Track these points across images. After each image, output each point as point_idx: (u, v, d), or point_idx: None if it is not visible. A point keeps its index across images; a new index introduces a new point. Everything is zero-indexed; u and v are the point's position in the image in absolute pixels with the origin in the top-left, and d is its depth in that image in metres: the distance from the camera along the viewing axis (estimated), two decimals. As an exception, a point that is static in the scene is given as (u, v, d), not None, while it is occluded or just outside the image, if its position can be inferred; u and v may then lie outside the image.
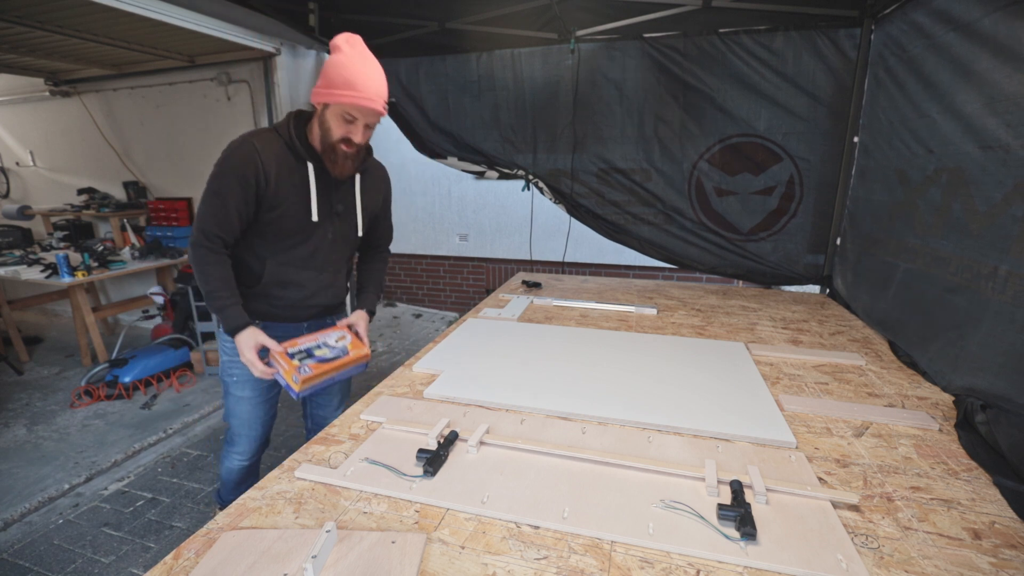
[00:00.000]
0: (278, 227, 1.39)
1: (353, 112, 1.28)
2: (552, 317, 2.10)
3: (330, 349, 1.40)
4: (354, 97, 1.25)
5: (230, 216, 1.33)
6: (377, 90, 1.28)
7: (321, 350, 1.38)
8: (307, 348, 1.37)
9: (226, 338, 1.51)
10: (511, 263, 5.26)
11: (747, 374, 1.51)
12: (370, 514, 0.89)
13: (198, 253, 1.34)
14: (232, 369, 1.54)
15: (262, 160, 1.31)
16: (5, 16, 2.95)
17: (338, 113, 1.29)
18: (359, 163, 1.41)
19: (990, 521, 0.90)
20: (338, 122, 1.30)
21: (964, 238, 1.52)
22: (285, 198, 1.36)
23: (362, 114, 1.29)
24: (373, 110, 1.29)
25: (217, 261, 1.35)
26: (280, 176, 1.35)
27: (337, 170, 1.37)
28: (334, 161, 1.35)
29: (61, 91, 4.74)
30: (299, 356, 1.33)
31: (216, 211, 1.32)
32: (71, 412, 3.19)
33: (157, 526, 2.21)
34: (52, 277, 3.50)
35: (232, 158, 1.31)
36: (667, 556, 0.80)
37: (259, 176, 1.31)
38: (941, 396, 1.42)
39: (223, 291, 1.35)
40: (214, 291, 1.35)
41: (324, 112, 1.32)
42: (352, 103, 1.26)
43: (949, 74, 1.65)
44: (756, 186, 2.64)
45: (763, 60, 2.45)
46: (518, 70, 2.87)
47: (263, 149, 1.32)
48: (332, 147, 1.33)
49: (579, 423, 1.22)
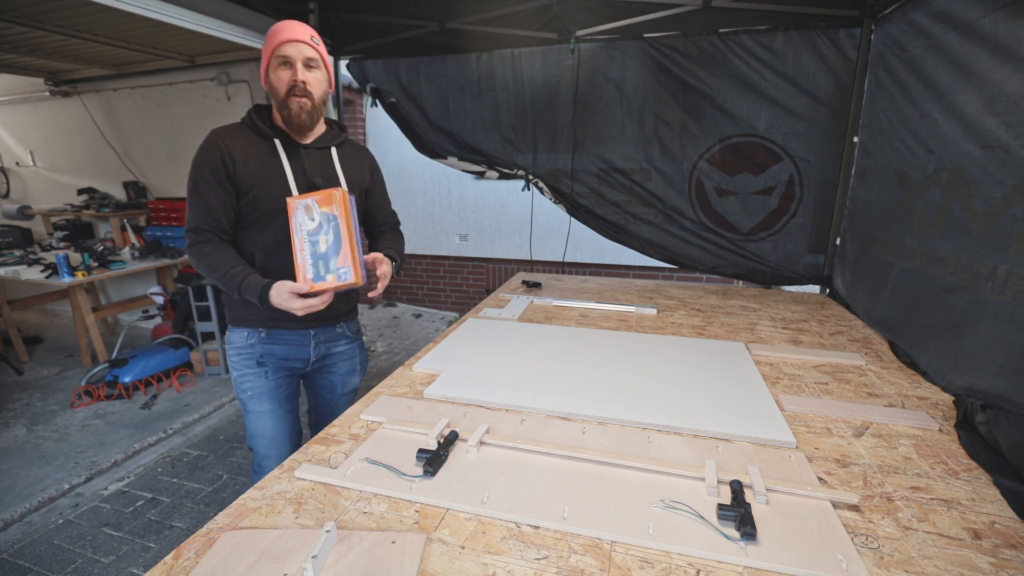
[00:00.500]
0: (256, 209, 1.38)
1: (282, 53, 1.31)
2: (552, 317, 2.10)
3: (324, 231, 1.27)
4: (278, 39, 1.31)
5: (212, 208, 1.34)
6: (297, 29, 1.33)
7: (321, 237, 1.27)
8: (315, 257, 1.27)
9: (233, 349, 1.49)
10: (511, 263, 5.26)
11: (747, 374, 1.51)
12: (370, 514, 0.89)
13: (195, 251, 1.34)
14: (244, 383, 1.50)
15: (224, 143, 1.34)
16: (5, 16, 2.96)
17: (275, 67, 1.33)
18: (315, 116, 1.39)
19: (990, 521, 0.90)
20: (278, 75, 1.33)
21: (964, 238, 1.52)
22: (256, 175, 1.36)
23: (292, 51, 1.31)
24: (298, 41, 1.31)
25: (216, 246, 1.35)
26: (248, 155, 1.36)
27: (294, 124, 1.36)
28: (289, 116, 1.35)
29: (61, 91, 4.75)
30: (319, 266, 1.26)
31: (198, 207, 1.34)
32: (71, 412, 3.19)
33: (157, 526, 2.21)
34: (52, 277, 3.51)
35: (199, 154, 1.35)
36: (667, 556, 0.80)
37: (225, 158, 1.33)
38: (941, 396, 1.42)
39: (236, 267, 1.32)
40: (227, 271, 1.31)
41: (270, 82, 1.36)
42: (277, 44, 1.31)
43: (949, 74, 1.65)
44: (756, 186, 2.64)
45: (763, 60, 2.45)
46: (518, 70, 2.87)
47: (224, 133, 1.36)
48: (284, 103, 1.34)
49: (579, 423, 1.22)
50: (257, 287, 1.28)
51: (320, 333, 1.56)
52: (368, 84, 3.15)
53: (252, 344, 1.48)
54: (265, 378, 1.50)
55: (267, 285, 1.28)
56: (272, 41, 1.32)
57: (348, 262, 1.26)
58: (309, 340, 1.54)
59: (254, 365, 1.49)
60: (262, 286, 1.28)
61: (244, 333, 1.49)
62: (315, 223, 1.27)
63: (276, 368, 1.51)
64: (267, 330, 1.49)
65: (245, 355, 1.48)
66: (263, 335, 1.49)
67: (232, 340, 1.51)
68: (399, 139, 3.38)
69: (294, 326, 1.49)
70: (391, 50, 3.06)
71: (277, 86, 1.34)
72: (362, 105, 5.15)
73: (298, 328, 1.50)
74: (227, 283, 1.31)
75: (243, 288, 1.29)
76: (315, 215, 1.26)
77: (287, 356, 1.52)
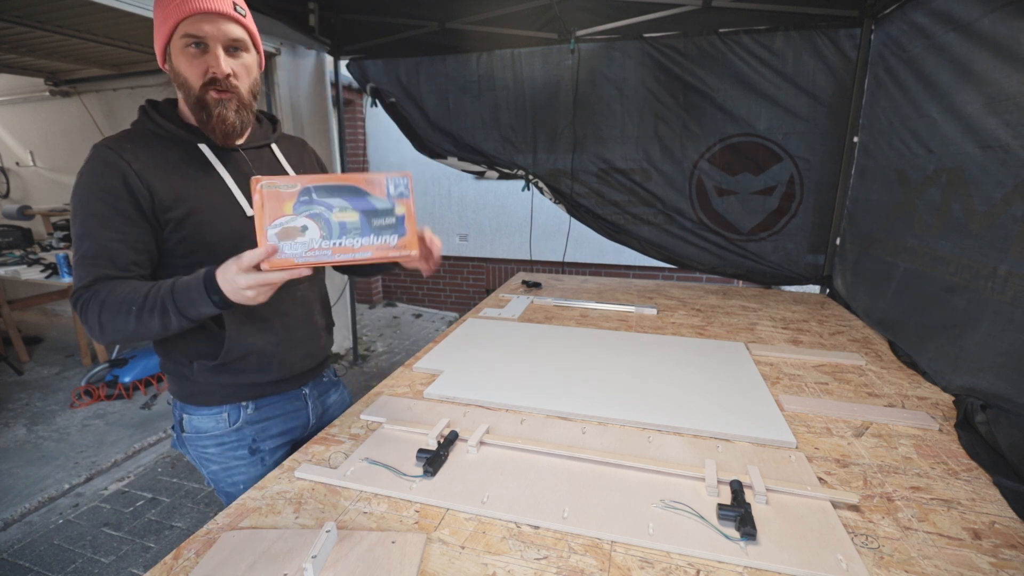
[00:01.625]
0: (202, 240, 0.98)
1: (194, 31, 0.91)
2: (552, 317, 2.10)
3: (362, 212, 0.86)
4: (178, 4, 0.89)
5: (112, 251, 0.91)
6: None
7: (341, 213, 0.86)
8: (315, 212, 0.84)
9: (207, 439, 1.09)
10: (511, 263, 5.26)
11: (747, 374, 1.51)
12: (370, 514, 0.89)
13: (87, 306, 0.89)
14: (235, 477, 1.13)
15: (125, 159, 0.92)
16: (5, 16, 2.96)
17: (181, 49, 0.93)
18: (246, 115, 1.01)
19: (990, 521, 0.90)
20: (188, 62, 0.93)
21: (964, 238, 1.52)
22: (189, 197, 0.97)
23: (208, 26, 0.91)
24: (214, 11, 0.90)
25: (115, 283, 0.90)
26: (165, 171, 0.96)
27: (219, 129, 0.98)
28: (208, 119, 0.96)
29: (61, 91, 4.75)
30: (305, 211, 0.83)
31: (88, 254, 0.91)
32: (71, 412, 3.19)
33: (157, 526, 2.21)
34: (52, 277, 3.51)
35: (83, 180, 0.92)
36: (667, 556, 0.80)
37: (130, 181, 0.92)
38: (941, 396, 1.42)
39: (154, 285, 0.88)
40: (146, 293, 0.87)
41: (173, 67, 0.96)
42: (180, 14, 0.89)
43: (949, 74, 1.65)
44: (756, 186, 2.64)
45: (763, 60, 2.46)
46: (518, 70, 2.87)
47: (120, 147, 0.94)
48: (199, 101, 0.95)
49: (579, 423, 1.22)
50: (197, 279, 0.85)
51: (313, 387, 1.24)
52: (368, 84, 3.16)
53: (238, 427, 1.10)
54: (262, 465, 1.13)
55: (210, 270, 0.84)
56: (168, 8, 0.90)
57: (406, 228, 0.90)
58: (305, 400, 1.21)
59: (246, 455, 1.12)
60: (203, 273, 0.84)
61: (220, 414, 1.08)
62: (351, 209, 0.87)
63: (274, 450, 1.15)
64: (255, 400, 1.11)
65: (230, 444, 1.09)
66: (250, 410, 1.11)
67: (200, 427, 1.08)
68: (399, 139, 3.38)
69: (285, 386, 1.15)
70: (391, 50, 3.06)
71: (187, 74, 0.94)
72: (362, 105, 5.15)
73: (290, 389, 1.17)
74: (151, 306, 0.86)
75: (177, 295, 0.85)
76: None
77: (284, 429, 1.17)
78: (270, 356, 1.09)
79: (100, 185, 0.92)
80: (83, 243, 0.91)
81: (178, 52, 0.94)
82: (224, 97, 0.96)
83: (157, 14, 0.93)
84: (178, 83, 0.97)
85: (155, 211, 0.95)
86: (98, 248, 0.91)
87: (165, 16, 0.92)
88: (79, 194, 0.93)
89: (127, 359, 3.51)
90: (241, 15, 0.96)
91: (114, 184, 0.91)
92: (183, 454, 1.13)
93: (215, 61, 0.93)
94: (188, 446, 1.13)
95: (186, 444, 1.13)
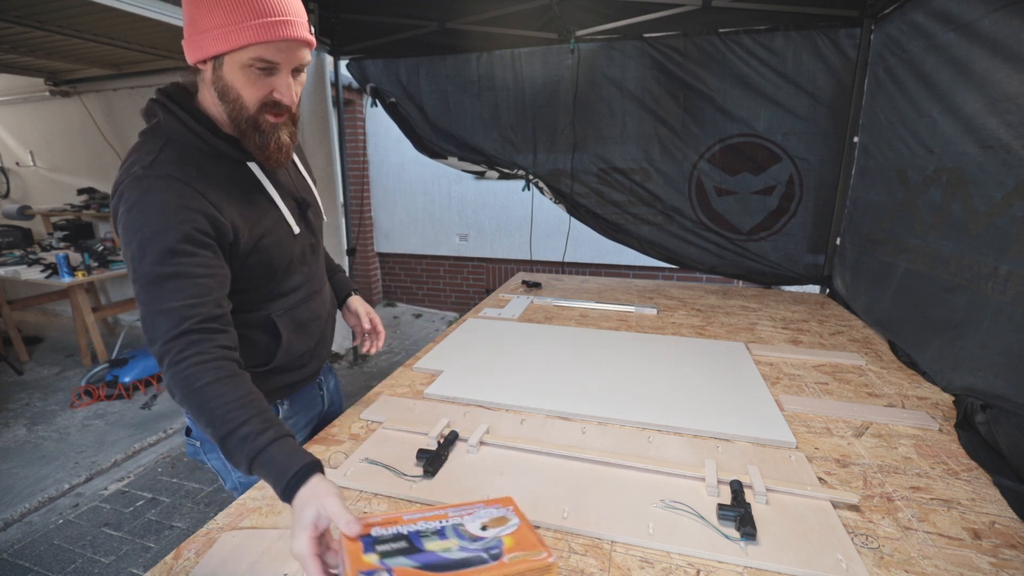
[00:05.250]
0: (268, 266, 0.96)
1: (270, 56, 0.81)
2: (552, 317, 2.10)
3: (463, 544, 0.63)
4: (262, 25, 0.78)
5: (202, 281, 0.82)
6: (292, 16, 0.81)
7: (441, 542, 0.64)
8: (412, 532, 0.65)
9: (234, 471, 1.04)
10: (511, 263, 5.26)
11: (747, 374, 1.51)
12: (370, 514, 0.89)
13: (181, 365, 0.76)
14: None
15: (200, 189, 0.84)
16: (5, 16, 2.96)
17: (243, 66, 0.81)
18: (295, 129, 0.94)
19: (990, 521, 0.90)
20: (249, 81, 0.83)
21: (964, 238, 1.52)
22: (257, 221, 0.92)
23: (285, 53, 0.82)
24: (298, 38, 0.82)
25: (217, 367, 0.78)
26: (231, 198, 0.89)
27: (273, 156, 0.91)
28: (264, 145, 0.88)
29: (61, 91, 4.75)
30: (388, 550, 0.62)
31: (178, 299, 0.79)
32: (71, 412, 3.19)
33: (157, 526, 2.21)
34: (52, 277, 3.51)
35: (156, 215, 0.80)
36: (667, 556, 0.80)
37: (211, 215, 0.84)
38: (941, 396, 1.42)
39: (248, 412, 0.75)
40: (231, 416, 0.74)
41: (218, 75, 0.83)
42: (261, 37, 0.78)
43: (949, 74, 1.65)
44: (756, 186, 2.64)
45: (763, 60, 2.46)
46: (518, 70, 2.87)
47: (190, 177, 0.84)
48: (253, 122, 0.86)
49: (579, 423, 1.22)
50: (295, 459, 0.71)
51: (324, 374, 1.29)
52: (368, 84, 3.16)
53: None
54: None
55: (314, 466, 0.72)
56: (243, 23, 0.77)
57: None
58: (321, 388, 1.27)
59: None
60: (306, 462, 0.71)
61: None
62: (463, 538, 0.65)
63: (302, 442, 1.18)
64: (289, 398, 1.13)
65: None
66: (285, 407, 1.13)
67: None
68: (399, 139, 3.38)
69: (313, 377, 1.19)
70: (391, 50, 3.06)
71: (245, 95, 0.84)
72: (362, 105, 5.15)
73: (312, 381, 1.21)
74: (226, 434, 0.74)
75: (264, 459, 0.72)
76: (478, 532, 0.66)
77: (308, 420, 1.22)
78: (306, 356, 1.11)
79: (178, 218, 0.81)
80: (169, 282, 0.79)
81: (237, 67, 0.82)
82: (279, 120, 0.89)
83: (219, 15, 0.78)
84: (223, 95, 0.85)
85: (232, 242, 0.88)
86: (182, 290, 0.80)
87: (235, 28, 0.78)
88: (151, 228, 0.79)
89: (127, 359, 3.51)
90: (312, 34, 0.87)
91: (194, 216, 0.82)
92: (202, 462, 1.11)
93: (285, 88, 0.85)
94: (198, 450, 1.10)
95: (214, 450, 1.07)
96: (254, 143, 0.89)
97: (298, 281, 1.05)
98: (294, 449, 0.73)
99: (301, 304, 1.07)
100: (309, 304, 1.09)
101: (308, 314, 1.08)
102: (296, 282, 1.05)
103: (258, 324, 0.99)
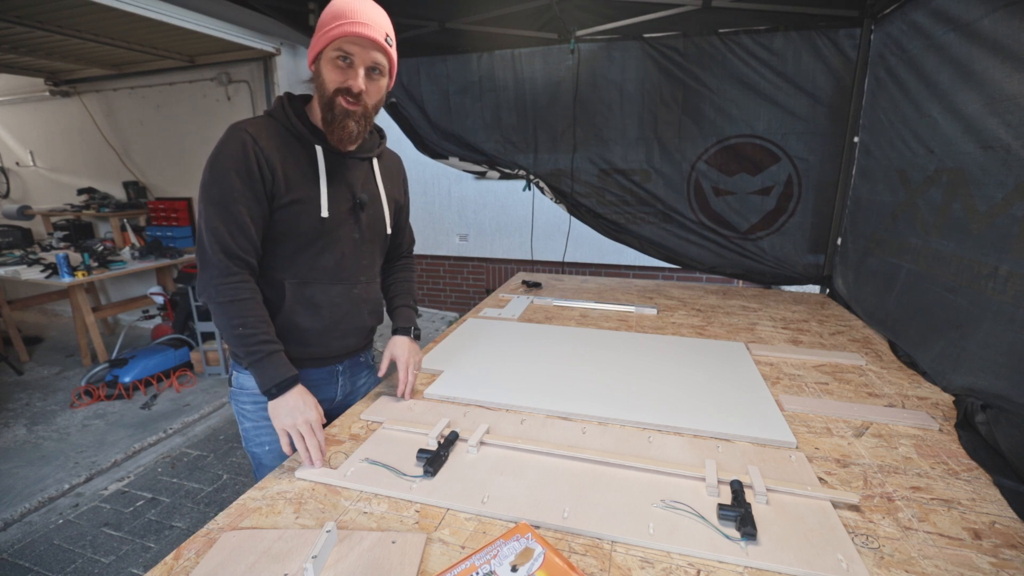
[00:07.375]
0: (293, 228, 1.14)
1: (346, 47, 1.05)
2: (552, 317, 2.10)
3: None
4: (343, 24, 1.03)
5: (245, 225, 1.07)
6: (372, 15, 1.06)
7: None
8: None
9: (246, 395, 1.22)
10: (511, 263, 5.26)
11: (747, 374, 1.51)
12: (370, 514, 0.89)
13: (227, 288, 1.07)
14: (261, 437, 1.22)
15: (260, 146, 1.08)
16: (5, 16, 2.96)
17: (330, 59, 1.07)
18: (364, 127, 1.14)
19: (990, 521, 0.90)
20: (331, 69, 1.07)
21: (965, 238, 1.52)
22: (297, 187, 1.12)
23: (357, 46, 1.05)
24: (369, 38, 1.04)
25: (251, 294, 1.09)
26: (286, 162, 1.11)
27: (336, 133, 1.11)
28: (332, 120, 1.10)
29: (61, 91, 4.75)
30: None
31: (230, 226, 1.06)
32: (71, 412, 3.19)
33: (157, 526, 2.21)
34: (52, 277, 3.51)
35: (223, 155, 1.07)
36: (667, 556, 0.80)
37: (262, 166, 1.07)
38: (941, 396, 1.42)
39: (266, 332, 1.08)
40: (253, 334, 1.06)
41: (318, 69, 1.10)
42: (341, 32, 1.03)
43: (949, 74, 1.65)
44: (754, 186, 2.64)
45: (763, 60, 2.45)
46: (518, 70, 2.87)
47: (258, 134, 1.09)
48: (329, 103, 1.09)
49: (579, 423, 1.22)
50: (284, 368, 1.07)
51: (349, 366, 1.34)
52: (368, 84, 3.15)
53: None
54: None
55: (294, 376, 1.08)
56: (333, 24, 1.04)
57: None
58: (336, 377, 1.32)
59: None
60: (290, 372, 1.07)
61: None
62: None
63: None
64: None
65: (263, 403, 1.15)
66: None
67: (243, 384, 1.22)
68: (399, 139, 3.37)
69: (322, 362, 1.28)
70: (391, 50, 3.06)
71: (327, 80, 1.08)
72: (362, 105, 5.15)
73: (327, 364, 1.29)
74: (248, 346, 1.07)
75: (268, 362, 1.06)
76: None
77: None
78: (312, 336, 1.21)
79: (237, 163, 1.06)
80: (220, 210, 1.06)
81: (327, 60, 1.07)
82: (352, 108, 1.09)
83: (322, 19, 1.07)
84: (317, 83, 1.11)
85: (268, 192, 1.10)
86: (233, 219, 1.06)
87: (329, 28, 1.05)
88: (220, 163, 1.06)
89: (127, 359, 3.51)
90: (389, 45, 1.10)
91: (248, 164, 1.06)
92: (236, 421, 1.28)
93: (355, 77, 1.07)
94: (233, 400, 1.26)
95: (233, 398, 1.26)
96: (326, 120, 1.11)
97: (325, 262, 1.19)
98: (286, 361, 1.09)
99: (320, 284, 1.19)
100: (330, 290, 1.20)
101: (324, 297, 1.20)
102: (322, 263, 1.18)
103: (272, 283, 1.16)
